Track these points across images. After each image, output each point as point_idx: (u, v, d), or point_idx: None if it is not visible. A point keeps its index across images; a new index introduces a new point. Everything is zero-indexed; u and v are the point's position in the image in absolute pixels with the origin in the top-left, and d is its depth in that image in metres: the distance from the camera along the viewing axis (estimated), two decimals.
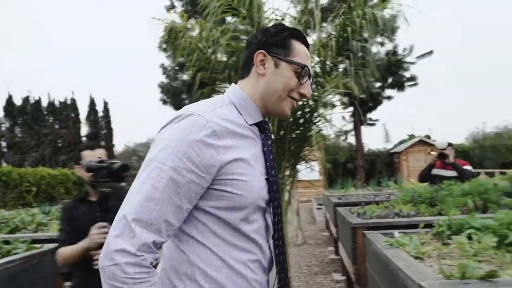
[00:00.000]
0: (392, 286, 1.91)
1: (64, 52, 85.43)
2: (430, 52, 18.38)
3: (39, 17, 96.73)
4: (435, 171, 5.09)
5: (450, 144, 5.05)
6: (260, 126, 1.21)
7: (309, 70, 1.20)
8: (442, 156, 4.99)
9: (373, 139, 41.47)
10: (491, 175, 13.02)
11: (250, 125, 1.18)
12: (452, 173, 4.91)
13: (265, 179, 1.15)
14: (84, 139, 25.18)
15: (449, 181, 4.16)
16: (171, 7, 17.93)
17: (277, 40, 1.19)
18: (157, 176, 1.01)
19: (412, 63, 18.69)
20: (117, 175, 2.20)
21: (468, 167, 5.09)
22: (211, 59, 3.93)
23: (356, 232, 3.61)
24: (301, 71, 1.18)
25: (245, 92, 1.20)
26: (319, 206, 12.21)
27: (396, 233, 2.60)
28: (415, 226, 2.83)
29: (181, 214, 1.04)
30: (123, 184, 2.32)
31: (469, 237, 2.06)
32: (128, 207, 1.01)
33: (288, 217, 4.23)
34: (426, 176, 5.15)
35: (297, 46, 1.20)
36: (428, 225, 2.63)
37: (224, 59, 4.12)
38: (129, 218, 0.99)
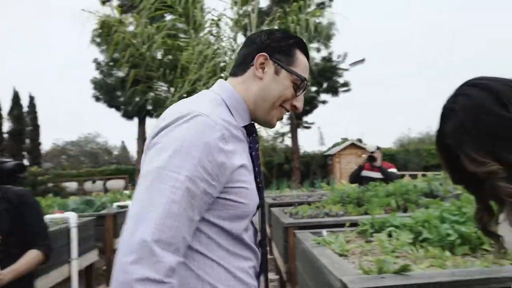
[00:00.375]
0: (318, 282, 1.98)
1: None
2: (362, 60, 19.39)
3: None
4: (364, 173, 5.36)
5: (378, 148, 5.35)
6: (248, 129, 1.14)
7: (306, 84, 1.17)
8: (371, 158, 5.27)
9: (308, 142, 42.86)
10: (414, 177, 13.98)
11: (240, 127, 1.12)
12: (379, 175, 5.20)
13: (257, 184, 1.10)
14: (6, 136, 23.31)
15: (375, 183, 4.41)
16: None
17: (282, 46, 1.14)
18: (172, 187, 0.90)
19: (346, 69, 19.64)
20: (8, 175, 2.01)
21: (393, 170, 5.43)
22: (145, 56, 3.82)
23: (288, 231, 3.70)
24: (300, 83, 1.14)
25: (237, 92, 1.13)
26: None
27: (324, 232, 2.70)
28: (343, 225, 2.96)
29: (192, 228, 0.95)
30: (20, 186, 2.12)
31: (389, 235, 2.20)
32: (143, 227, 0.87)
33: None
34: (356, 177, 5.40)
35: (300, 56, 1.16)
36: (354, 224, 2.77)
37: (160, 56, 4.04)
38: (148, 239, 0.85)
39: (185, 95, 3.68)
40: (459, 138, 0.90)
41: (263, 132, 4.18)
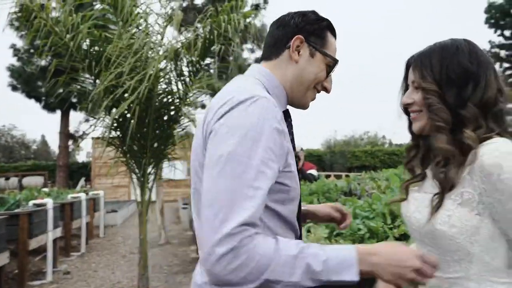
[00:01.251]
0: None
1: None
2: None
3: None
4: None
5: (301, 149, 5.62)
6: (284, 114, 1.11)
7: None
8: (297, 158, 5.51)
9: None
10: (339, 177, 14.75)
11: None
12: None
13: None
14: None
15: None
16: None
17: (316, 29, 1.12)
18: (243, 173, 0.89)
19: None
20: None
21: (313, 171, 5.73)
22: (69, 46, 3.63)
23: None
24: (333, 65, 1.14)
25: (275, 77, 1.12)
26: (185, 206, 12.20)
27: None
28: None
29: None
30: None
31: (308, 230, 2.32)
32: (223, 214, 0.86)
33: (148, 216, 4.14)
34: None
35: (331, 39, 1.15)
36: None
37: (86, 47, 3.85)
38: (234, 224, 0.85)
39: (112, 89, 3.56)
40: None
41: (193, 129, 4.16)
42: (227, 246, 0.84)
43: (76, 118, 34.44)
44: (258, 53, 19.92)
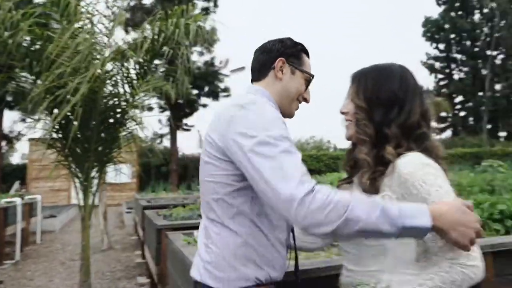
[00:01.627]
0: (187, 280, 2.06)
1: None
2: (243, 68, 20.16)
3: None
4: None
5: None
6: None
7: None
8: None
9: (188, 144, 42.74)
10: None
11: None
12: None
13: None
14: None
15: None
16: None
17: (293, 51, 1.38)
18: (281, 151, 1.07)
19: (227, 75, 20.17)
20: None
21: None
22: (7, 43, 3.45)
23: (160, 233, 3.70)
24: (310, 80, 1.40)
25: (268, 93, 1.35)
26: (129, 210, 11.87)
27: (195, 232, 2.79)
28: None
29: None
30: None
31: None
32: (284, 183, 1.02)
33: (92, 221, 4.01)
34: None
35: (306, 59, 1.41)
36: None
37: (26, 45, 3.68)
38: (305, 180, 1.03)
39: (54, 90, 3.43)
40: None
41: (140, 132, 4.11)
42: (305, 190, 1.00)
43: (11, 117, 32.35)
44: (207, 56, 19.87)
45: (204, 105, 20.65)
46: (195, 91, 19.66)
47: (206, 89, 20.07)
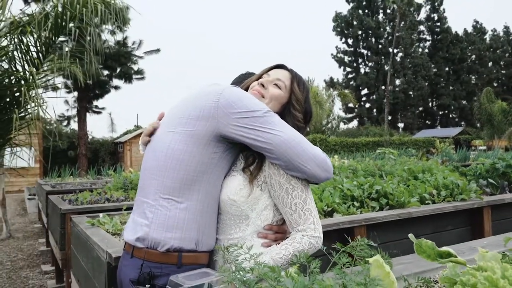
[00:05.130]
0: (89, 258, 2.10)
1: None
2: (157, 50, 19.58)
3: None
4: None
5: None
6: None
7: None
8: None
9: (98, 128, 40.45)
10: None
11: None
12: None
13: None
14: None
15: None
16: None
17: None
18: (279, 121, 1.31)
19: (140, 57, 19.43)
20: None
21: None
22: None
23: (65, 218, 3.61)
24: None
25: None
26: (32, 196, 11.06)
27: (101, 215, 2.79)
28: (127, 209, 3.10)
29: None
30: None
31: None
32: (307, 145, 1.28)
33: None
34: None
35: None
36: (130, 208, 2.95)
37: None
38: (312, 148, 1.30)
39: None
40: None
41: (42, 113, 3.89)
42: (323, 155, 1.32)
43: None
44: (119, 36, 18.89)
45: (116, 87, 19.70)
46: (106, 72, 18.66)
47: (118, 70, 19.11)
